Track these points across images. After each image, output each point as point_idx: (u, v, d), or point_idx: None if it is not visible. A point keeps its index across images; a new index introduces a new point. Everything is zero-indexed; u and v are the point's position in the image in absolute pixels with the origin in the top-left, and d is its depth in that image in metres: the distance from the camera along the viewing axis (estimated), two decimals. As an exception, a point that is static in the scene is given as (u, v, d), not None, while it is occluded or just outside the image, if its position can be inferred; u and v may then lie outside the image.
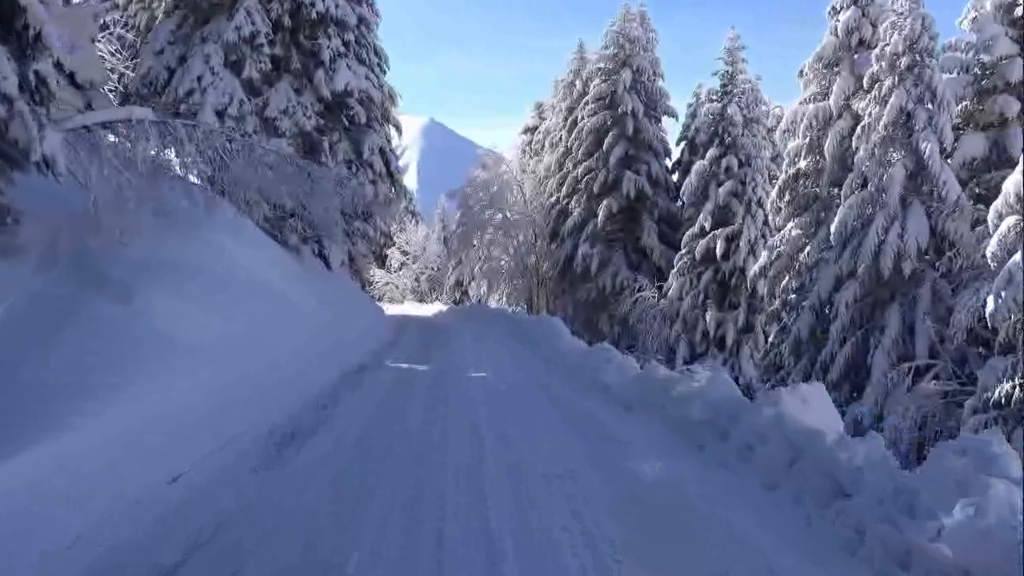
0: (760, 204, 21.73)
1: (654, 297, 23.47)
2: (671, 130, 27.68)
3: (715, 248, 21.89)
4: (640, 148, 26.24)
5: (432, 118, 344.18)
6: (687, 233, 23.00)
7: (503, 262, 31.01)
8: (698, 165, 22.91)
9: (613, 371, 8.67)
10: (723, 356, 22.12)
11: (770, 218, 17.87)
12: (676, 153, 28.37)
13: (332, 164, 20.70)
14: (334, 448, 5.89)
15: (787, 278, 15.71)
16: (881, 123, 12.75)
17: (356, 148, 24.93)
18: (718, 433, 5.66)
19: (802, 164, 15.04)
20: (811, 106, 14.98)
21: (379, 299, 47.44)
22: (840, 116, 14.70)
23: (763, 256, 15.96)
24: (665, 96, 26.50)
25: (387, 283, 49.08)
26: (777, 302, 15.70)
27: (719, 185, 22.48)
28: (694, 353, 22.65)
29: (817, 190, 15.15)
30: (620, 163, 25.71)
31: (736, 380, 22.32)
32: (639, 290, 23.63)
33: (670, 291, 22.96)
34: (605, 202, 25.35)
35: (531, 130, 37.65)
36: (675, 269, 23.12)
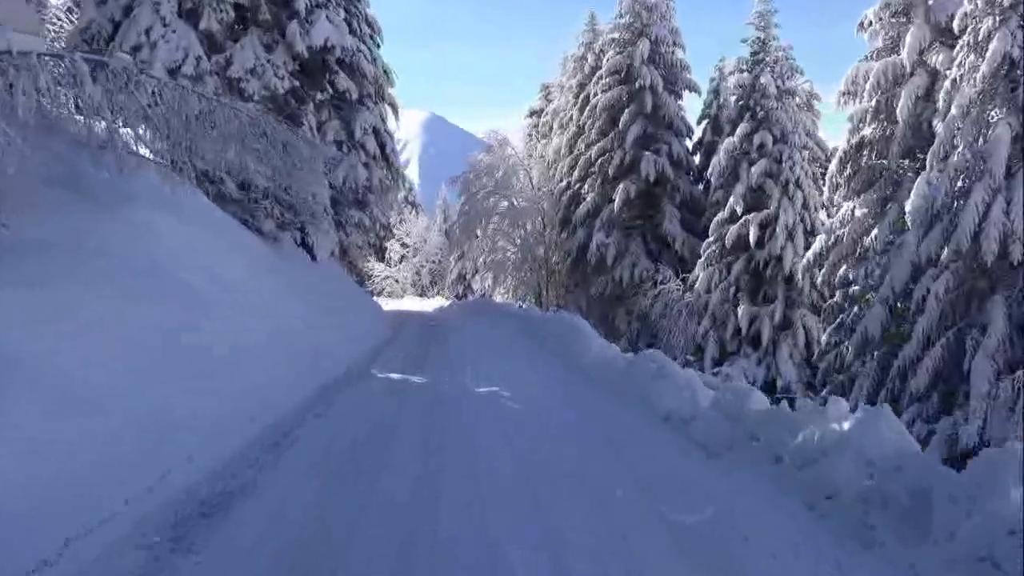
0: (799, 185, 19.35)
1: (678, 290, 21.11)
2: (691, 108, 25.34)
3: (748, 235, 19.53)
4: (659, 126, 23.82)
5: (433, 112, 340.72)
6: (715, 219, 20.62)
7: (509, 253, 28.65)
8: (727, 143, 20.51)
9: (674, 391, 6.33)
10: (757, 355, 19.79)
11: (825, 195, 15.49)
12: (697, 133, 25.98)
13: (318, 141, 18.41)
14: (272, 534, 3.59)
15: (844, 267, 13.34)
16: (978, 74, 10.37)
17: (347, 127, 22.60)
18: (908, 521, 3.34)
19: (867, 131, 12.67)
20: (877, 63, 12.59)
21: (378, 294, 45.14)
22: (913, 72, 12.33)
23: (817, 242, 13.57)
24: (686, 68, 24.06)
25: (387, 277, 46.83)
26: (837, 295, 13.34)
27: (751, 164, 20.09)
28: (724, 352, 20.33)
29: (885, 162, 12.78)
30: (638, 143, 23.31)
31: (772, 382, 20.01)
32: (662, 282, 21.26)
33: (697, 283, 20.60)
34: (622, 186, 22.96)
35: (537, 113, 35.28)
36: (702, 259, 20.76)
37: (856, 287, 12.94)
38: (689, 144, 25.21)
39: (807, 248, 19.49)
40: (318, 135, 19.87)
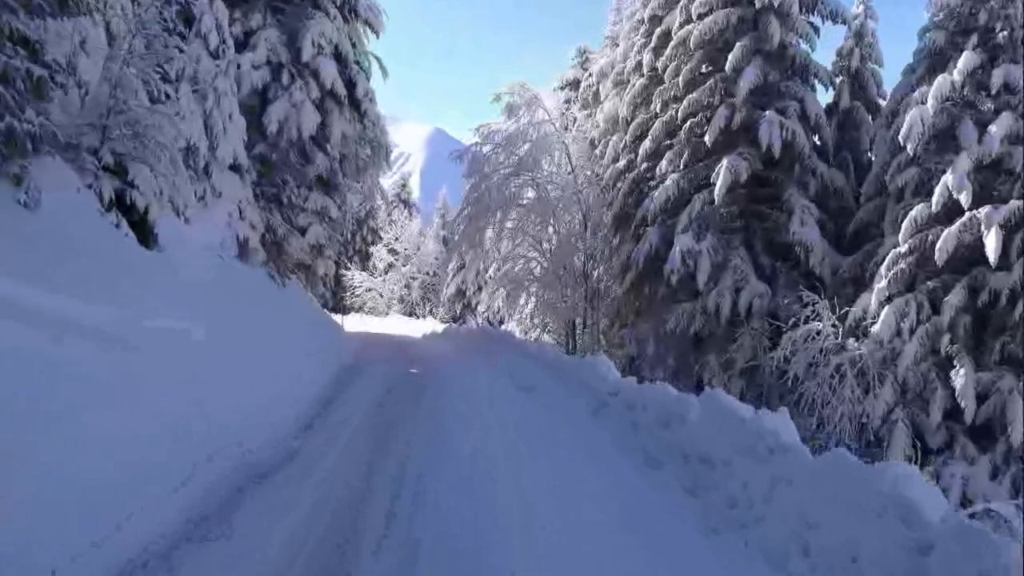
0: (1087, 157, 10.79)
1: (834, 334, 12.38)
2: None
3: (979, 243, 10.99)
4: (786, 73, 15.30)
5: (436, 127, 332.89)
6: (909, 216, 12.04)
7: (533, 263, 19.89)
8: (939, 84, 11.91)
9: None
10: (991, 458, 11.11)
11: None
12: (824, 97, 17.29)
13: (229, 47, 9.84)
14: None
15: None
16: None
17: (290, 43, 13.81)
18: None
19: None
20: None
21: (356, 310, 36.35)
22: None
23: None
24: (830, -13, 15.52)
25: (369, 289, 38.01)
26: None
27: (983, 124, 11.56)
28: (924, 447, 11.61)
29: None
30: (753, 96, 14.74)
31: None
32: (807, 319, 12.50)
33: (876, 325, 11.92)
34: (726, 163, 14.34)
35: (572, 84, 26.87)
36: (882, 283, 12.12)
37: None
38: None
39: (1099, 271, 10.96)
40: (233, 50, 11.38)
